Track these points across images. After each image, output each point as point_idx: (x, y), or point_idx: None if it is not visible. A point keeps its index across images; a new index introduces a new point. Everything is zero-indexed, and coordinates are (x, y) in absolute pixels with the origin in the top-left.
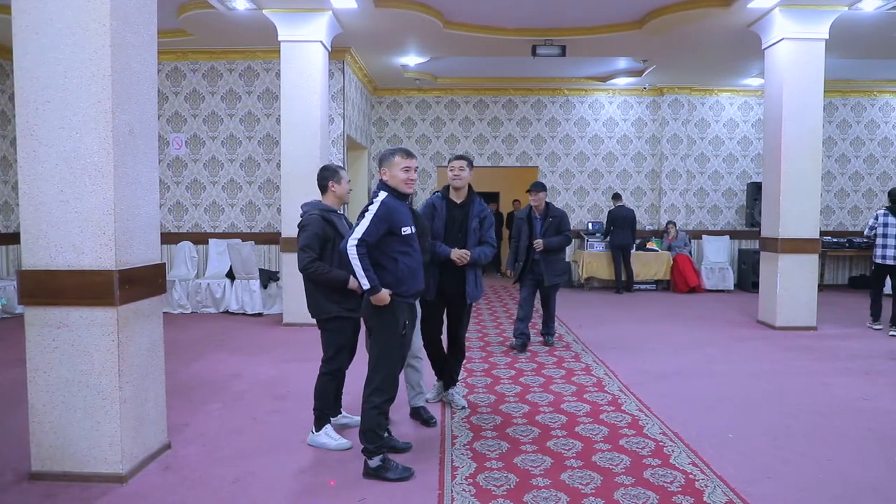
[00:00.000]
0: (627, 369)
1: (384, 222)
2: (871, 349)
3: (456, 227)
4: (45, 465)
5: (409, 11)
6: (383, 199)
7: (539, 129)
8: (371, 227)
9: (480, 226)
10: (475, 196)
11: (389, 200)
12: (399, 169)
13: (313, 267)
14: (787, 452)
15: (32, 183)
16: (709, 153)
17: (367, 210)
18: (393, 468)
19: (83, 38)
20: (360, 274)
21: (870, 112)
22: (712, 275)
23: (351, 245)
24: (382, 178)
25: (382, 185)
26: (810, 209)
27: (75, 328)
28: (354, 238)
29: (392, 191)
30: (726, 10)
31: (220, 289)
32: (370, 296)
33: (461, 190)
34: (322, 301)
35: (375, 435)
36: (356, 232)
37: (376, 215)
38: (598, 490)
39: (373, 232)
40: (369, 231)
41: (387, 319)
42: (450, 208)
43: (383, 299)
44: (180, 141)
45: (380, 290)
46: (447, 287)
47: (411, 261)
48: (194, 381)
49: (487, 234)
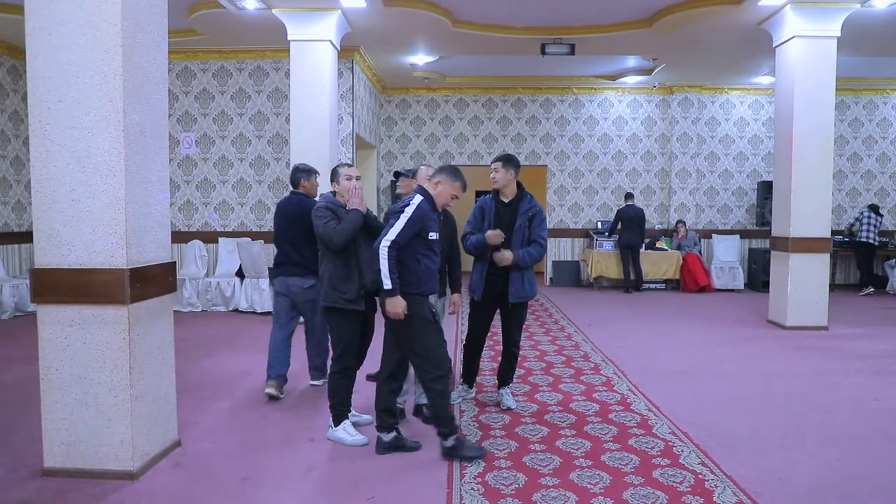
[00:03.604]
0: (636, 369)
1: (416, 225)
2: (883, 349)
3: (504, 226)
4: (58, 462)
5: (417, 10)
6: (419, 203)
7: (548, 127)
8: (405, 229)
9: (529, 224)
10: (525, 193)
11: (425, 206)
12: (453, 191)
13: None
14: (797, 453)
15: (45, 182)
16: (719, 152)
17: (403, 212)
18: (468, 446)
19: (94, 38)
20: (385, 274)
21: (882, 110)
22: (722, 274)
23: (383, 246)
24: (430, 186)
25: (422, 191)
26: (821, 208)
27: (87, 326)
28: (388, 240)
29: (429, 198)
30: (737, 8)
31: (229, 287)
32: (387, 297)
33: (507, 188)
34: (327, 288)
35: (447, 418)
36: (390, 233)
37: (411, 218)
38: (607, 490)
39: (406, 234)
40: (403, 233)
41: (412, 311)
42: (498, 208)
43: (397, 305)
44: (190, 140)
45: (398, 294)
46: (494, 286)
47: (431, 263)
48: (204, 379)
49: (536, 233)
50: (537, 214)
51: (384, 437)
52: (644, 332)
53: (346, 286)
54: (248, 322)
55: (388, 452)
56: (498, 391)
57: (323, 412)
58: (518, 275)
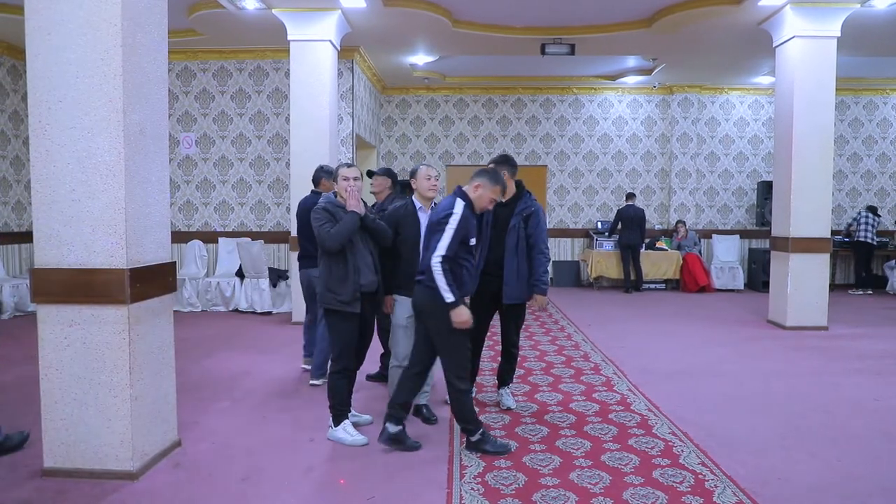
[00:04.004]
0: (636, 369)
1: (461, 233)
2: (883, 349)
3: (500, 226)
4: (57, 462)
5: (417, 10)
6: (462, 212)
7: (548, 128)
8: (452, 242)
9: (525, 224)
10: (524, 193)
11: (467, 212)
12: (493, 195)
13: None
14: (797, 453)
15: (45, 182)
16: (719, 152)
17: (447, 223)
18: (492, 442)
19: (94, 38)
20: (444, 288)
21: (882, 110)
22: (722, 274)
23: (435, 262)
24: (470, 190)
25: (463, 195)
26: (821, 208)
27: (87, 326)
28: (438, 255)
29: (470, 203)
30: (737, 8)
31: (229, 287)
32: (450, 310)
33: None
34: (323, 290)
35: (470, 414)
36: (439, 247)
37: (456, 231)
38: (607, 490)
39: (453, 246)
40: (451, 246)
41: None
42: (495, 207)
43: (462, 315)
44: (190, 140)
45: (460, 305)
46: (489, 286)
47: (470, 266)
48: (204, 379)
49: (536, 242)
50: (533, 214)
51: (391, 427)
52: (644, 332)
53: (341, 288)
54: (248, 322)
55: (388, 444)
56: (498, 391)
57: (323, 412)
58: (512, 275)
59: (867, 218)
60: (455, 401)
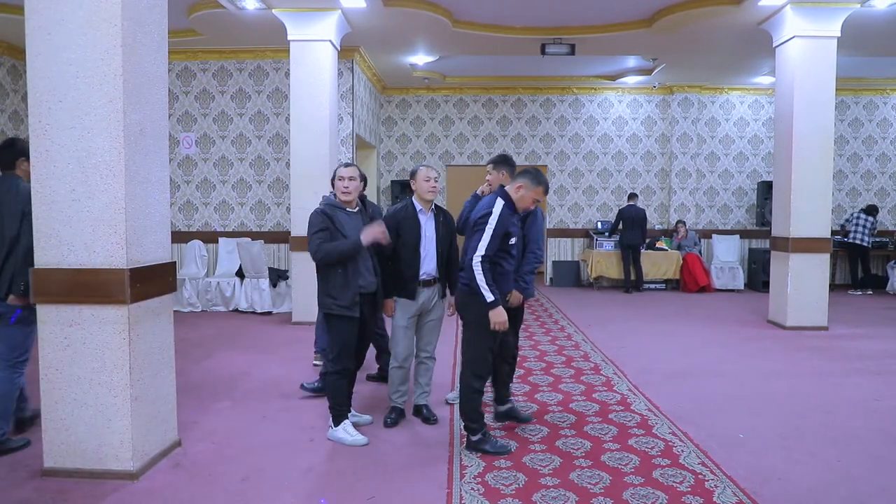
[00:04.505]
0: (636, 369)
1: (500, 232)
2: (883, 349)
3: None
4: (58, 462)
5: (417, 10)
6: (500, 212)
7: (548, 128)
8: (491, 242)
9: (521, 224)
10: None
11: (506, 212)
12: (535, 195)
13: (319, 250)
14: (797, 453)
15: (45, 182)
16: (719, 152)
17: (486, 223)
18: (492, 442)
19: (94, 38)
20: (484, 287)
21: (882, 110)
22: (722, 274)
23: (476, 262)
24: (512, 190)
25: (504, 195)
26: (821, 208)
27: (87, 326)
28: (478, 255)
29: (510, 202)
30: (737, 8)
31: (229, 287)
32: (489, 310)
33: None
34: (322, 296)
35: (476, 414)
36: (479, 247)
37: (495, 231)
38: (607, 490)
39: (493, 246)
40: (490, 246)
41: (479, 311)
42: None
43: (500, 315)
44: (190, 140)
45: (499, 305)
46: None
47: (508, 265)
48: (204, 379)
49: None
50: (531, 214)
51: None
52: (644, 332)
53: (340, 293)
54: (248, 322)
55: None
56: None
57: (323, 412)
58: None
59: (861, 219)
60: (466, 399)
